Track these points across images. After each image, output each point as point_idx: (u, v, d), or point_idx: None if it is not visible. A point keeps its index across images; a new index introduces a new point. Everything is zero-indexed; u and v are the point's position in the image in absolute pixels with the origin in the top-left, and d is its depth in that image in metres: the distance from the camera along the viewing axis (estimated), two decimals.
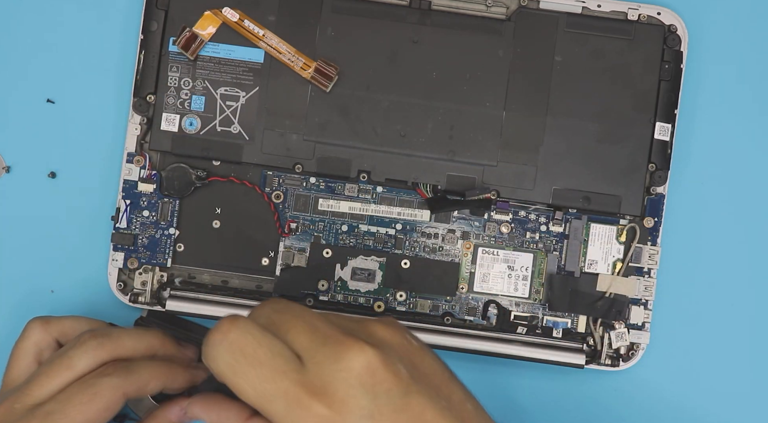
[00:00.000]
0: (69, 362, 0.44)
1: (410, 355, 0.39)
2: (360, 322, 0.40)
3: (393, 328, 0.40)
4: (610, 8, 0.51)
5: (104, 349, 0.44)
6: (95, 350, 0.44)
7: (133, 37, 0.52)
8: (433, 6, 0.51)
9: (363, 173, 0.51)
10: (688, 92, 0.52)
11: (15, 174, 0.53)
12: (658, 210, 0.51)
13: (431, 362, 0.40)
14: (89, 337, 0.45)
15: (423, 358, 0.40)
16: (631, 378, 0.52)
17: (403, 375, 0.38)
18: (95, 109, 0.53)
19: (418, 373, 0.39)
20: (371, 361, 0.37)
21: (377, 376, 0.37)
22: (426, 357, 0.40)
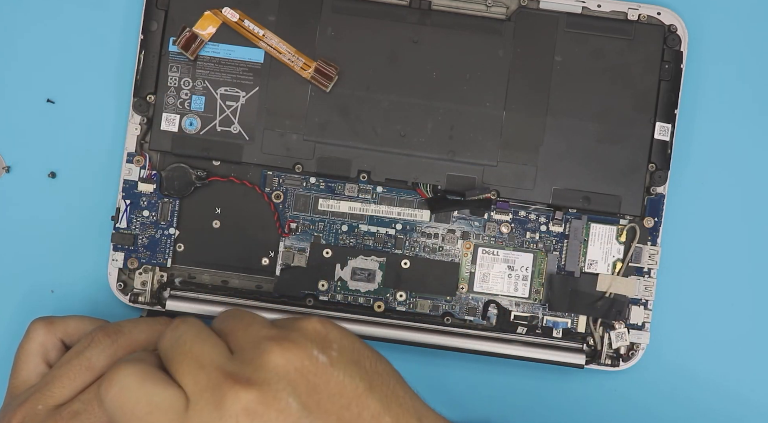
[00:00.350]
0: (88, 363, 0.43)
1: (311, 378, 0.37)
2: (258, 346, 0.38)
3: (295, 348, 0.38)
4: (610, 8, 0.51)
5: (119, 345, 0.44)
6: (110, 347, 0.44)
7: (133, 37, 0.52)
8: (433, 6, 0.51)
9: (363, 173, 0.51)
10: (688, 92, 0.52)
11: (15, 174, 0.53)
12: (658, 210, 0.51)
13: (339, 379, 0.38)
14: (102, 334, 0.44)
15: (329, 378, 0.38)
16: (631, 378, 0.52)
17: (292, 408, 0.36)
18: (95, 109, 0.53)
19: (318, 398, 0.37)
20: (249, 405, 0.36)
21: (259, 419, 0.36)
22: (333, 375, 0.38)
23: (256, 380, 0.36)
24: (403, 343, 0.50)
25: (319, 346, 0.38)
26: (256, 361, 0.37)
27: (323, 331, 0.39)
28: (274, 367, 0.37)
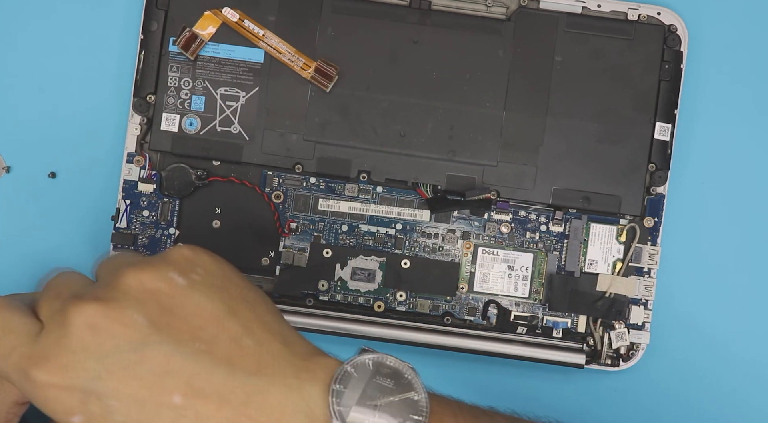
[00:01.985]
0: None
1: (164, 299, 0.36)
2: (116, 271, 0.37)
3: (150, 270, 0.37)
4: (610, 8, 0.51)
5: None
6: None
7: (133, 37, 0.52)
8: (433, 6, 0.51)
9: (363, 173, 0.51)
10: (688, 92, 0.52)
11: (15, 174, 0.53)
12: (658, 210, 0.51)
13: (196, 301, 0.36)
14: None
15: (185, 300, 0.36)
16: (631, 378, 0.52)
17: (139, 324, 0.35)
18: (95, 109, 0.53)
19: (170, 318, 0.36)
20: (91, 319, 0.35)
21: (101, 334, 0.35)
22: (190, 296, 0.36)
23: (103, 297, 0.36)
24: (403, 343, 0.50)
25: (179, 269, 0.37)
26: (110, 283, 0.37)
27: (191, 255, 0.38)
28: (124, 287, 0.36)
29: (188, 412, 0.35)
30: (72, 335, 0.35)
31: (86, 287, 0.38)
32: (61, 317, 0.36)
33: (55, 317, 0.36)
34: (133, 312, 0.35)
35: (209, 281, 0.38)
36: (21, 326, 0.37)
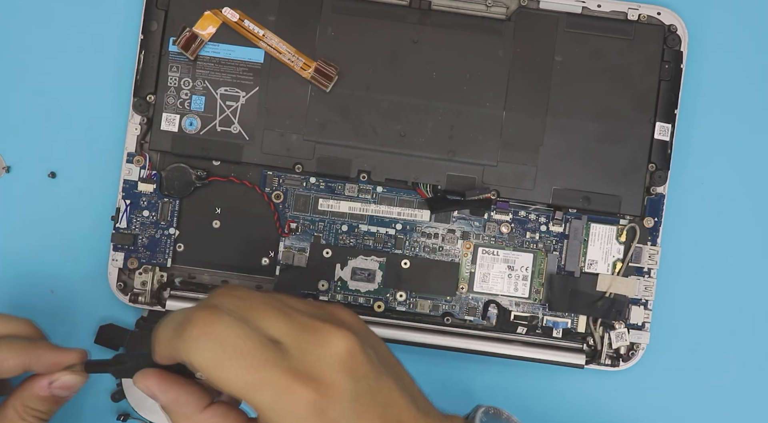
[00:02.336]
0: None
1: (370, 339, 0.39)
2: (322, 308, 0.39)
3: (351, 312, 0.39)
4: (610, 8, 0.51)
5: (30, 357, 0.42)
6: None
7: (133, 37, 0.52)
8: (433, 6, 0.51)
9: (363, 173, 0.51)
10: (688, 92, 0.52)
11: (15, 174, 0.53)
12: (658, 210, 0.51)
13: (385, 346, 0.40)
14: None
15: (379, 343, 0.40)
16: (631, 378, 0.52)
17: (374, 359, 0.37)
18: (95, 109, 0.53)
19: (380, 357, 0.38)
20: (351, 345, 0.37)
21: (356, 360, 0.37)
22: (380, 341, 0.40)
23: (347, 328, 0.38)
24: (403, 343, 0.50)
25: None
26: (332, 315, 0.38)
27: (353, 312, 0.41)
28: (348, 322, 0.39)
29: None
30: (336, 356, 0.36)
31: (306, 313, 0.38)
32: (319, 338, 0.37)
33: (307, 337, 0.37)
34: (367, 346, 0.38)
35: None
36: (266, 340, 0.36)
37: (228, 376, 0.35)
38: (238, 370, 0.35)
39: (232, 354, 0.35)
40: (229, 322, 0.36)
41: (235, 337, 0.35)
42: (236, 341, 0.35)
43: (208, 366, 0.35)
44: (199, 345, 0.35)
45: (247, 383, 0.35)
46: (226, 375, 0.35)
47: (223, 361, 0.35)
